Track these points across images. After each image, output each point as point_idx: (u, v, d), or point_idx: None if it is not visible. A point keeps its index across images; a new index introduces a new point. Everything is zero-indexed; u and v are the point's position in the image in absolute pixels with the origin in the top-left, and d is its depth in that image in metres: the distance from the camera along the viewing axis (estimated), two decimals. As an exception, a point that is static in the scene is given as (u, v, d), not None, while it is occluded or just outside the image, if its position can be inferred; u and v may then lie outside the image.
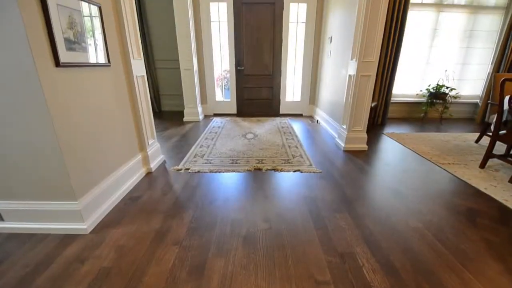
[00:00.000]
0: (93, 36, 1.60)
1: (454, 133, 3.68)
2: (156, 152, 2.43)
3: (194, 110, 4.25)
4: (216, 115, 4.77)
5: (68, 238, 1.43)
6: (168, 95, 4.98)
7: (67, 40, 1.37)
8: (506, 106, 2.31)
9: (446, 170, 2.37)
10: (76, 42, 1.45)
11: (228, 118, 4.48)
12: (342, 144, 2.93)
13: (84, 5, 1.52)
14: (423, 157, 2.71)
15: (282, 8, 4.16)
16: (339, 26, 3.32)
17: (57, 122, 1.30)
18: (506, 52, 4.01)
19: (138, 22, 2.61)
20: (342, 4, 3.24)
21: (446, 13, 4.14)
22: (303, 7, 4.21)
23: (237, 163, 2.49)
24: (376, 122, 4.19)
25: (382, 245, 1.39)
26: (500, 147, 2.93)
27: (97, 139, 1.65)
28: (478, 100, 4.54)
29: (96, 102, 1.63)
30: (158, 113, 4.83)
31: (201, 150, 2.85)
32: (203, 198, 1.86)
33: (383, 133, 3.62)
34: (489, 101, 3.08)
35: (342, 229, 1.53)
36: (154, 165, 2.34)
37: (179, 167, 2.37)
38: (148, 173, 2.26)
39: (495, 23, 4.21)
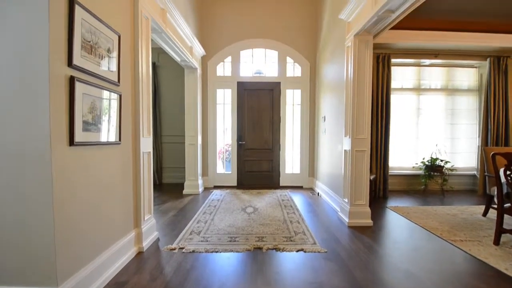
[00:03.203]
0: (109, 117, 1.78)
1: (459, 206, 3.58)
2: (151, 228, 2.31)
3: (194, 183, 4.27)
4: (216, 187, 4.75)
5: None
6: (170, 168, 5.09)
7: (85, 123, 1.52)
8: (503, 179, 2.34)
9: (460, 248, 2.20)
10: (93, 124, 1.60)
11: (228, 191, 4.45)
12: (346, 219, 2.82)
13: (107, 93, 1.74)
14: (432, 233, 2.56)
15: (280, 93, 4.73)
16: (331, 108, 3.70)
17: (57, 198, 1.31)
18: (489, 127, 4.32)
19: (152, 103, 2.92)
20: (331, 90, 3.70)
21: (425, 96, 4.67)
22: (297, 92, 4.80)
23: (235, 241, 2.34)
24: (378, 195, 4.14)
25: None
26: (509, 220, 2.80)
27: (94, 215, 1.61)
28: (475, 172, 4.60)
29: (100, 177, 1.67)
30: (159, 186, 4.83)
31: (198, 226, 2.72)
32: (195, 285, 1.67)
33: (386, 207, 3.53)
34: (485, 174, 3.13)
35: (355, 325, 1.31)
36: (146, 243, 2.19)
37: (173, 246, 2.22)
38: (140, 253, 2.10)
39: (472, 102, 4.69)
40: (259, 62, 4.83)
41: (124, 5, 1.95)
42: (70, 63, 1.39)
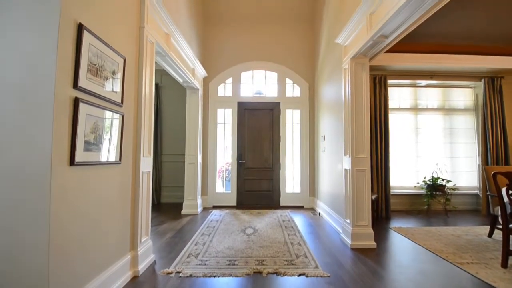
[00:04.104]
0: (110, 137, 1.79)
1: (463, 226, 3.50)
2: (147, 251, 2.24)
3: (193, 203, 4.20)
4: (215, 207, 4.67)
5: None
6: (169, 187, 5.04)
7: (86, 143, 1.53)
8: (505, 198, 2.31)
9: (467, 272, 2.12)
10: (94, 144, 1.61)
11: (227, 211, 4.36)
12: (349, 241, 2.74)
13: (109, 114, 1.77)
14: (437, 255, 2.48)
15: (279, 113, 4.81)
16: (330, 127, 3.74)
17: (54, 219, 1.28)
18: (488, 146, 4.33)
19: (153, 123, 2.94)
20: (330, 110, 3.77)
21: (423, 115, 4.74)
22: (297, 112, 4.87)
23: (234, 264, 2.26)
24: (380, 216, 4.06)
25: None
26: (518, 244, 2.72)
27: (90, 238, 1.57)
28: (478, 191, 4.55)
29: (99, 198, 1.65)
30: (157, 205, 4.75)
31: (196, 248, 2.64)
32: (193, 311, 1.59)
33: (389, 228, 3.45)
34: (488, 193, 3.09)
35: None
36: (142, 267, 2.11)
37: (170, 269, 2.14)
38: (135, 277, 2.02)
39: (470, 121, 4.75)
40: (259, 83, 4.96)
41: (131, 30, 2.05)
42: (75, 85, 1.43)
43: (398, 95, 4.72)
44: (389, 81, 4.40)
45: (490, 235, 3.02)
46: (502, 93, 4.41)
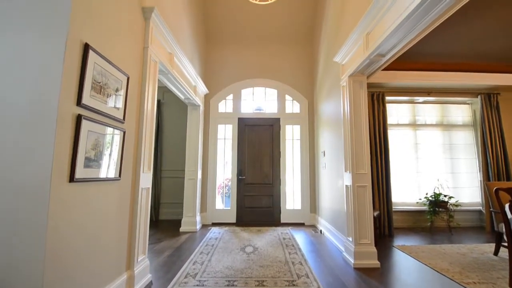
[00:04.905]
0: (111, 153, 1.80)
1: (468, 244, 3.42)
2: (144, 271, 2.18)
3: (192, 220, 4.12)
4: (214, 224, 4.58)
5: None
6: (167, 203, 4.97)
7: (87, 159, 1.53)
8: (509, 215, 2.28)
9: (477, 294, 2.05)
10: (95, 160, 1.61)
11: (226, 228, 4.28)
12: (352, 260, 2.67)
13: (111, 130, 1.79)
14: (443, 275, 2.40)
15: (279, 128, 4.85)
16: (330, 143, 3.75)
17: (50, 237, 1.26)
18: (488, 161, 4.32)
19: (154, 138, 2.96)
20: (329, 126, 3.80)
21: (422, 131, 4.77)
22: (297, 128, 4.91)
23: (234, 285, 2.18)
24: (383, 233, 3.98)
25: None
26: (526, 263, 2.64)
27: (86, 256, 1.53)
28: (481, 207, 4.48)
29: (96, 214, 1.63)
30: (155, 222, 4.66)
31: (194, 268, 2.56)
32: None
33: (393, 246, 3.36)
34: (491, 209, 3.05)
35: None
36: (138, 287, 2.04)
37: (168, 290, 2.06)
38: (131, 299, 1.94)
39: (469, 137, 4.76)
40: (259, 99, 5.04)
41: (135, 50, 2.11)
42: (79, 102, 1.45)
43: (396, 111, 4.77)
44: (387, 98, 4.47)
45: (496, 253, 2.95)
46: (499, 109, 4.47)
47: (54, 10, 1.38)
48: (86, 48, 1.50)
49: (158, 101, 5.04)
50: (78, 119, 1.45)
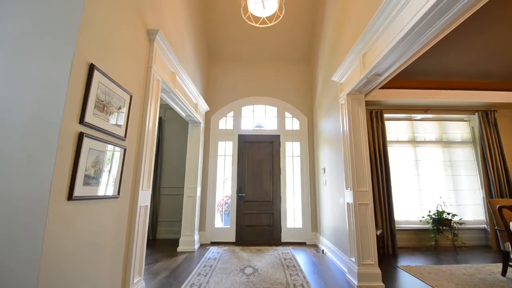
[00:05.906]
0: (110, 170, 1.79)
1: (475, 264, 3.31)
2: (141, 293, 2.10)
3: (190, 239, 4.02)
4: (213, 243, 4.46)
5: None
6: (165, 222, 4.87)
7: (86, 176, 1.53)
8: (516, 235, 2.23)
9: (487, 319, 1.96)
10: (94, 178, 1.60)
11: (225, 248, 4.16)
12: (355, 282, 2.57)
13: (112, 147, 1.80)
14: (452, 299, 2.31)
15: (279, 145, 4.86)
16: (330, 160, 3.75)
17: (45, 256, 1.22)
18: (490, 178, 4.29)
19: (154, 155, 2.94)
20: (329, 143, 3.82)
21: (421, 148, 4.78)
22: (297, 144, 4.93)
23: (234, 308, 2.09)
24: (387, 253, 3.87)
25: None
26: (536, 285, 2.55)
27: (80, 277, 1.48)
28: (485, 225, 4.39)
29: (93, 232, 1.60)
30: (152, 241, 4.54)
31: (193, 289, 2.46)
32: None
33: (397, 266, 3.26)
34: (496, 228, 2.99)
35: None
36: (134, 311, 1.96)
37: (164, 314, 1.97)
38: (125, 324, 1.85)
39: (469, 154, 4.75)
40: (259, 117, 5.10)
41: (139, 70, 2.17)
42: (81, 120, 1.47)
43: (396, 129, 4.81)
44: (386, 115, 4.53)
45: (503, 273, 2.85)
46: (497, 126, 4.52)
47: (62, 30, 1.43)
48: (91, 68, 1.55)
49: (160, 118, 5.09)
50: (80, 137, 1.46)
